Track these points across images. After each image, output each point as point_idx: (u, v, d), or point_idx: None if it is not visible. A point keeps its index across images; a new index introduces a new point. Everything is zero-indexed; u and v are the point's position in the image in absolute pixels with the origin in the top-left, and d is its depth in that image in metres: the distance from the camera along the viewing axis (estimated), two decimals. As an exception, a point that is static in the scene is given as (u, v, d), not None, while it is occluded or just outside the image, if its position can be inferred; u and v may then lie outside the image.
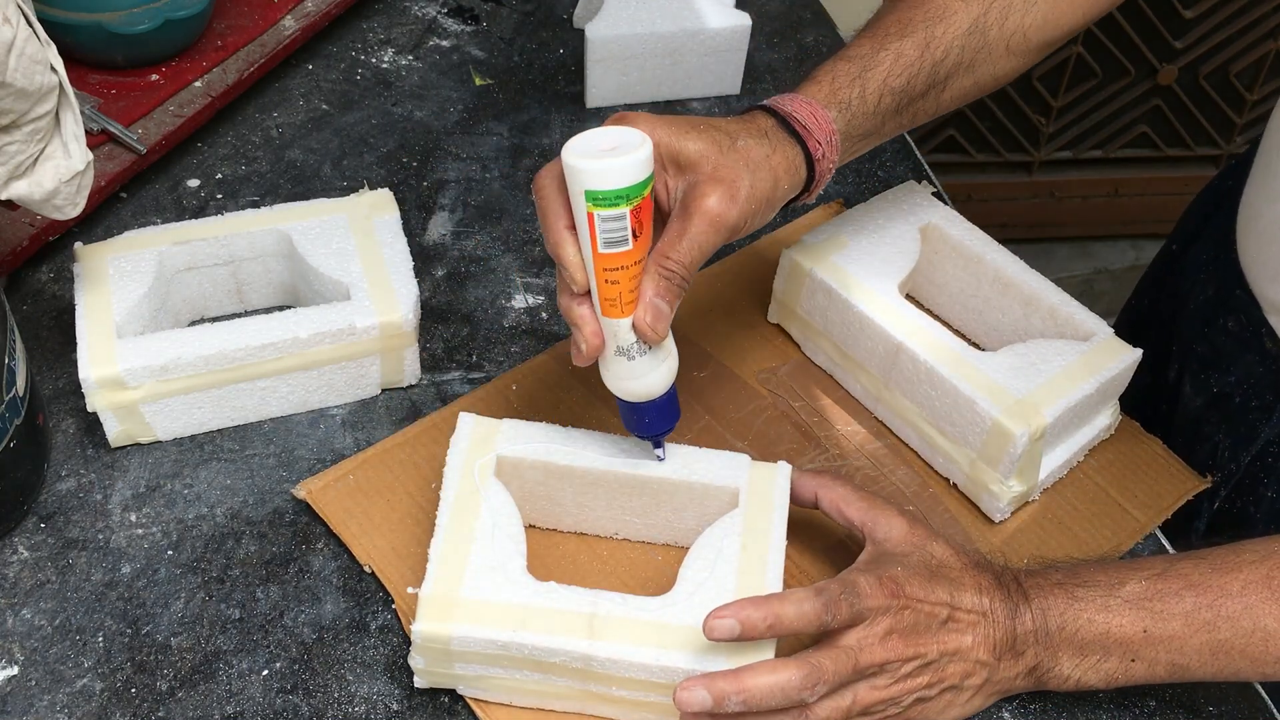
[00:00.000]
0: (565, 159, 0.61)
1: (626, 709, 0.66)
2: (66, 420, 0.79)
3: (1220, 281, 0.88)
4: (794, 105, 0.70)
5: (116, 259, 0.79)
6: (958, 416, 0.76)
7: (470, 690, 0.67)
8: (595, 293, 0.64)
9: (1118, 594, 0.65)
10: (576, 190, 0.61)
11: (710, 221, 0.64)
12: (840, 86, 0.72)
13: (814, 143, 0.70)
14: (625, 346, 0.65)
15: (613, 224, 0.61)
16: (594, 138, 0.63)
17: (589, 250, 0.63)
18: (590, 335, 0.65)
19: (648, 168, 0.62)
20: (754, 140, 0.67)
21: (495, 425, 0.72)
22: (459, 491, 0.69)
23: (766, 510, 0.69)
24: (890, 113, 0.74)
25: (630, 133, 0.63)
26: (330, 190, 0.96)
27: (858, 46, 0.74)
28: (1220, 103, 2.08)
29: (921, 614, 0.63)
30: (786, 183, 0.69)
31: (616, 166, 0.60)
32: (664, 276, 0.64)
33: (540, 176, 0.64)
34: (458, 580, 0.65)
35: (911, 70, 0.74)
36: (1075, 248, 2.24)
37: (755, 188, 0.66)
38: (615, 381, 0.67)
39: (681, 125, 0.66)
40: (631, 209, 0.61)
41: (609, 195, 0.61)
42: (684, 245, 0.64)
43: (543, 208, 0.64)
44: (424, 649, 0.65)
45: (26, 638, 0.69)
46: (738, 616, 0.60)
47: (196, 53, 1.00)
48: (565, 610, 0.64)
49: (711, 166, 0.65)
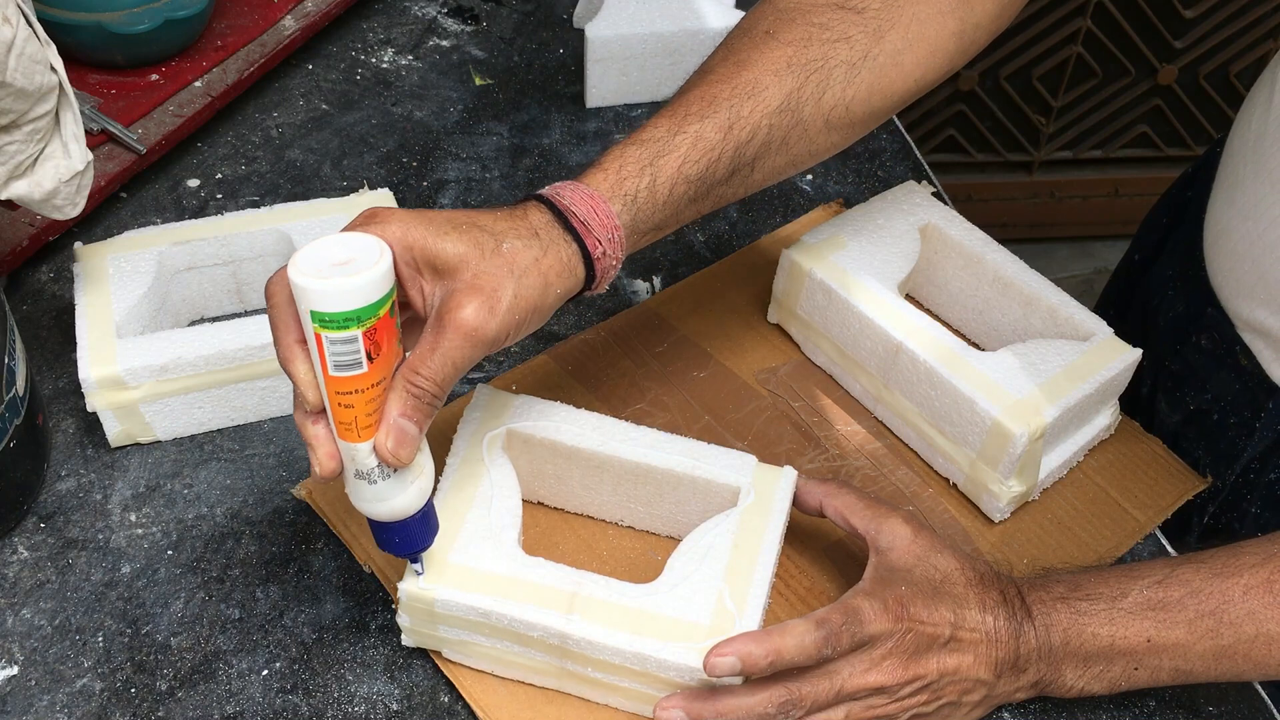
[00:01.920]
0: (289, 274, 0.55)
1: (601, 691, 0.67)
2: (66, 420, 0.79)
3: (1189, 299, 0.87)
4: (573, 198, 0.64)
5: (116, 259, 0.79)
6: (957, 416, 0.76)
7: (454, 655, 0.68)
8: (329, 414, 0.58)
9: (1120, 605, 0.65)
10: (303, 308, 0.55)
11: (465, 335, 0.58)
12: (627, 176, 0.65)
13: (593, 241, 0.63)
14: (365, 470, 0.59)
15: (344, 347, 0.55)
16: (327, 249, 0.56)
17: (320, 371, 0.57)
18: (325, 458, 0.59)
19: (383, 286, 0.55)
20: (522, 242, 0.61)
21: (510, 399, 0.72)
22: (465, 459, 0.69)
23: (765, 512, 0.69)
24: (686, 201, 0.67)
25: (369, 243, 0.56)
26: (330, 190, 0.96)
27: (653, 128, 0.67)
28: (1220, 103, 2.08)
29: (924, 636, 0.63)
30: (560, 286, 0.62)
31: (344, 287, 0.54)
32: (413, 395, 0.58)
33: (271, 283, 0.58)
34: (449, 544, 0.66)
35: (711, 155, 0.67)
36: (1075, 248, 2.25)
37: (520, 296, 0.60)
38: (359, 503, 0.61)
39: (441, 225, 0.59)
40: (365, 330, 0.55)
41: (337, 318, 0.54)
42: (435, 361, 0.58)
43: (272, 319, 0.58)
44: (409, 608, 0.66)
45: (26, 638, 0.69)
46: (739, 653, 0.60)
47: (196, 53, 1.00)
48: (548, 586, 0.65)
49: (471, 274, 0.59)
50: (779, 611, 0.72)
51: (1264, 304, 0.79)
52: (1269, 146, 0.78)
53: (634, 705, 0.67)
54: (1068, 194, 2.18)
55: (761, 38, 0.70)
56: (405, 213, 0.59)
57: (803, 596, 0.73)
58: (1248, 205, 0.79)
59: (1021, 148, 2.11)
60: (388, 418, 0.58)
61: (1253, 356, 0.81)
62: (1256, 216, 0.78)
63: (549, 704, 0.68)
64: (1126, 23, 1.95)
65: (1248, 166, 0.80)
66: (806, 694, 0.62)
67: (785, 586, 0.73)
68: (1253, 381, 0.82)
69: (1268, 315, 0.79)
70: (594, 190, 0.64)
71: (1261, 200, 0.78)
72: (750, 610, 0.65)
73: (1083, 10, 1.94)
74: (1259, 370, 0.81)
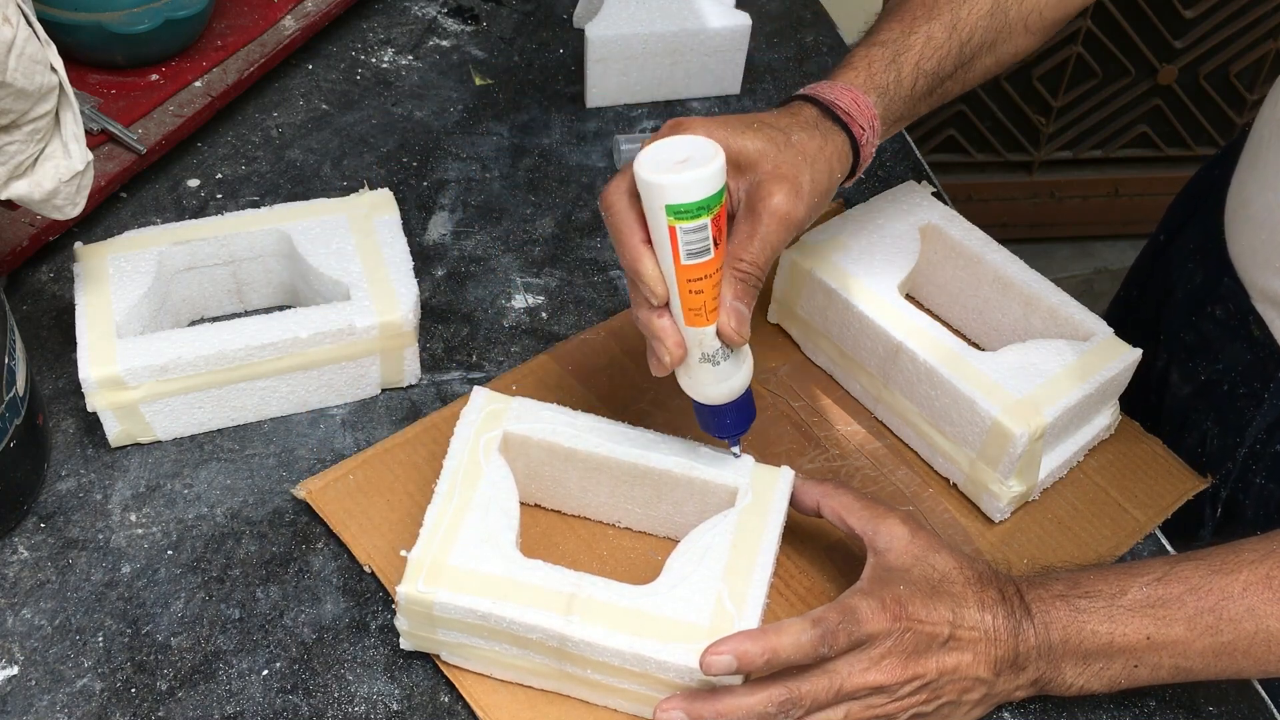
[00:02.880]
0: (642, 175, 0.60)
1: (601, 693, 0.67)
2: (66, 420, 0.79)
3: (1208, 270, 0.88)
4: (835, 93, 0.71)
5: (116, 259, 0.79)
6: (957, 416, 0.76)
7: (453, 658, 0.68)
8: (677, 304, 0.63)
9: (1120, 602, 0.65)
10: (655, 205, 0.61)
11: (780, 220, 0.64)
12: (877, 72, 0.73)
13: (858, 129, 0.71)
14: (710, 353, 0.65)
15: (695, 235, 0.61)
16: (663, 149, 0.62)
17: (670, 263, 0.62)
18: (674, 346, 0.64)
19: (723, 175, 0.61)
20: (806, 134, 0.68)
21: (506, 402, 0.72)
22: (462, 463, 0.69)
23: (763, 512, 0.69)
24: (923, 95, 0.76)
25: (700, 142, 0.62)
26: (330, 190, 0.96)
27: (887, 30, 0.75)
28: (1220, 103, 2.08)
29: (922, 635, 0.63)
30: (839, 171, 0.70)
31: (697, 178, 0.60)
32: (740, 279, 0.63)
33: (609, 193, 0.64)
34: (447, 548, 0.66)
35: (941, 52, 0.75)
36: (1075, 248, 2.24)
37: (815, 181, 0.67)
38: (700, 388, 0.67)
39: (736, 125, 0.66)
40: (712, 218, 0.61)
41: (690, 208, 0.60)
42: (756, 246, 0.64)
43: (615, 224, 0.63)
44: (408, 611, 0.66)
45: (26, 638, 0.69)
46: (734, 652, 0.60)
47: (196, 53, 1.00)
48: (546, 588, 0.65)
49: (772, 164, 0.65)
50: (779, 611, 0.72)
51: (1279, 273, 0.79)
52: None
53: (633, 706, 0.67)
54: (1068, 194, 2.18)
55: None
56: (703, 119, 0.65)
57: (803, 596, 0.73)
58: (1269, 175, 0.80)
59: (1021, 148, 2.11)
60: (724, 302, 0.63)
61: (1265, 327, 0.82)
62: (1277, 186, 0.79)
63: (550, 704, 0.67)
64: (1126, 23, 1.95)
65: (1273, 138, 0.81)
66: (806, 693, 0.62)
67: (785, 586, 0.73)
68: (1264, 352, 0.83)
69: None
70: (851, 86, 0.72)
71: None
72: (749, 610, 0.65)
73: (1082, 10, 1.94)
74: (1271, 340, 0.82)
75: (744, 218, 0.65)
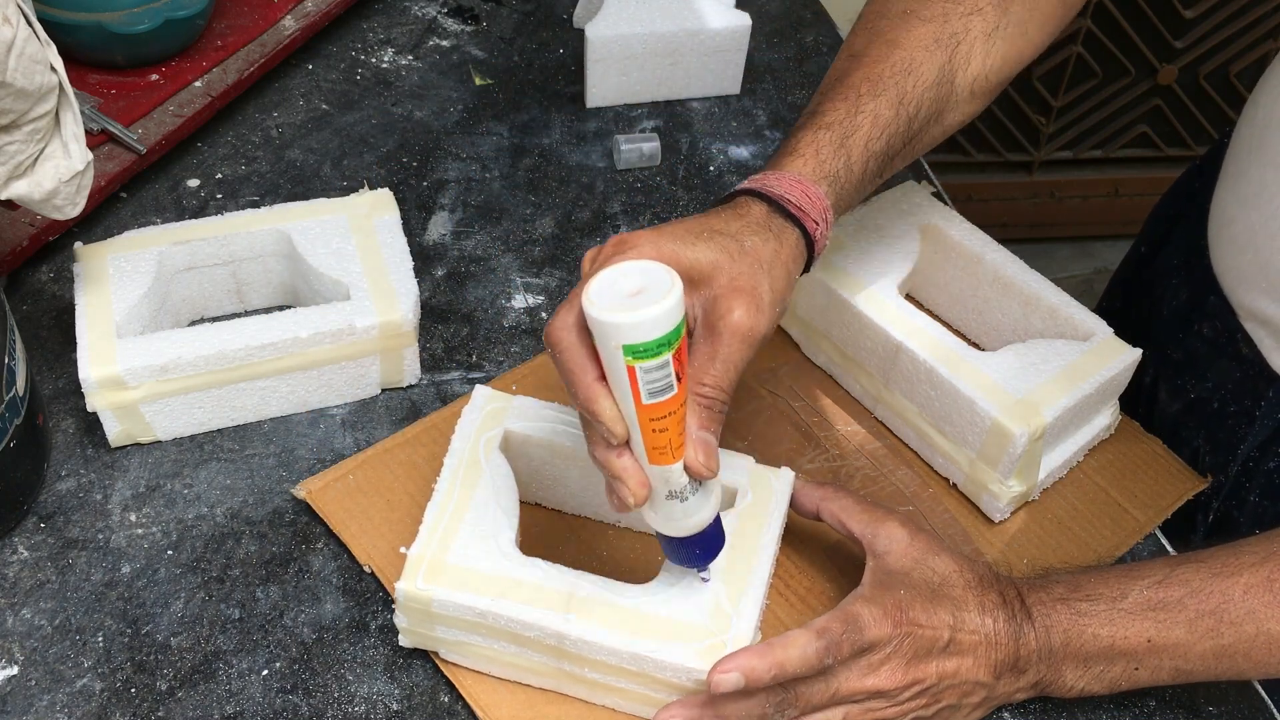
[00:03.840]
0: (593, 314, 0.55)
1: (599, 692, 0.67)
2: (66, 420, 0.79)
3: (1193, 287, 0.87)
4: (784, 186, 0.66)
5: (116, 259, 0.79)
6: (957, 416, 0.76)
7: (451, 656, 0.68)
8: (639, 442, 0.58)
9: (1120, 605, 0.65)
10: (611, 345, 0.56)
11: (742, 338, 0.60)
12: (826, 159, 0.68)
13: (811, 223, 0.66)
14: (678, 490, 0.60)
15: (657, 374, 0.56)
16: (612, 280, 0.57)
17: (629, 404, 0.57)
18: (637, 487, 0.59)
19: (683, 306, 0.57)
20: (759, 238, 0.63)
21: (507, 401, 0.72)
22: (462, 461, 0.70)
23: (762, 514, 0.69)
24: (874, 176, 0.72)
25: (652, 268, 0.57)
26: (330, 190, 0.96)
27: (832, 111, 0.70)
28: (1220, 103, 2.08)
29: (923, 640, 0.63)
30: (796, 271, 0.66)
31: (654, 317, 0.55)
32: (705, 406, 0.59)
33: (556, 329, 0.59)
34: (447, 545, 0.66)
35: (890, 130, 0.71)
36: (1075, 248, 2.24)
37: (774, 289, 0.62)
38: (667, 524, 0.62)
39: (684, 236, 0.61)
40: (674, 353, 0.56)
41: (650, 346, 0.55)
42: (719, 368, 0.59)
43: (565, 363, 0.59)
44: (406, 608, 0.66)
45: (26, 638, 0.69)
46: (742, 669, 0.60)
47: (196, 53, 1.00)
48: (545, 586, 0.65)
49: (728, 278, 0.61)
50: (779, 612, 0.72)
51: (1265, 293, 0.79)
52: (1273, 135, 0.78)
53: (631, 706, 0.67)
54: (1068, 194, 2.18)
55: (903, 16, 0.74)
56: (647, 233, 0.61)
57: (803, 597, 0.73)
58: (1251, 194, 0.80)
59: (1021, 148, 2.11)
60: (690, 435, 0.59)
61: (1254, 345, 0.82)
62: (1259, 205, 0.78)
63: (549, 704, 0.68)
64: (1126, 23, 1.95)
65: (1252, 155, 0.80)
66: (802, 692, 0.62)
67: (785, 587, 0.73)
68: (1253, 370, 0.82)
69: (1269, 304, 0.79)
70: (800, 177, 0.67)
71: (1265, 189, 0.78)
72: (747, 611, 0.65)
73: (1083, 10, 1.94)
74: (1259, 359, 0.81)
75: (703, 337, 0.60)
